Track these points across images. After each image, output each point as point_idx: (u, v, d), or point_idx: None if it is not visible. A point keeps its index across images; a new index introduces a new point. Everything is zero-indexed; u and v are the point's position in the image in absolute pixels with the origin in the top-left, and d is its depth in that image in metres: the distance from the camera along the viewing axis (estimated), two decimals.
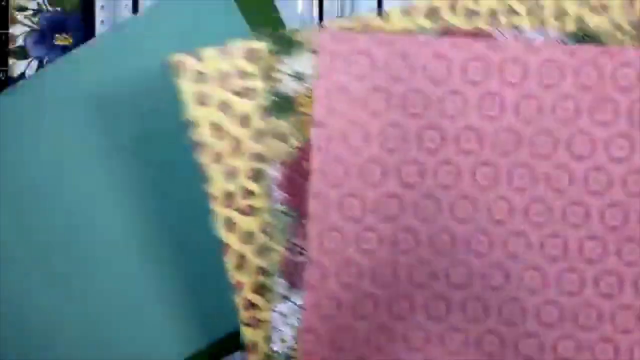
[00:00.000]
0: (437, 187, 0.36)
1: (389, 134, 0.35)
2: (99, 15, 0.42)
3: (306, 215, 0.36)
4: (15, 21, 0.42)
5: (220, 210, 0.35)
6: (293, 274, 0.36)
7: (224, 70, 0.35)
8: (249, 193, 0.35)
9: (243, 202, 0.35)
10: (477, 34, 0.36)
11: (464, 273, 0.36)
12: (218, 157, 0.35)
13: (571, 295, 0.36)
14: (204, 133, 0.35)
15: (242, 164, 0.35)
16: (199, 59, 0.35)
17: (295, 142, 0.35)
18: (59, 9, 0.42)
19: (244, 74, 0.35)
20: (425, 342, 0.37)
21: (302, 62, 0.35)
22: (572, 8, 0.36)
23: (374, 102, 0.35)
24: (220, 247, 0.35)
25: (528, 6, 0.36)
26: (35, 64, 0.42)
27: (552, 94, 0.35)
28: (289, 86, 0.35)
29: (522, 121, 0.35)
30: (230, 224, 0.35)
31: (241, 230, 0.35)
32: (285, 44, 0.35)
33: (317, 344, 0.36)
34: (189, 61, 0.34)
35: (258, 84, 0.35)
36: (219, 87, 0.35)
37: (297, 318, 0.36)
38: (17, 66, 0.42)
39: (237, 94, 0.35)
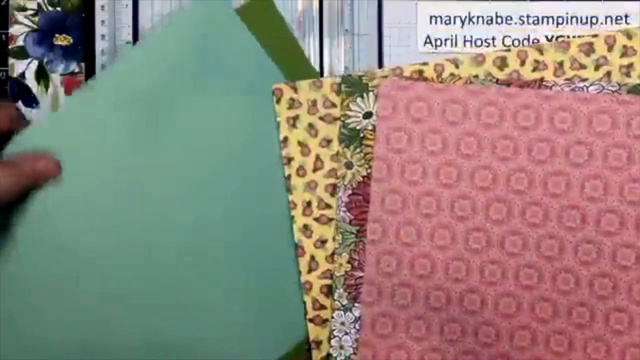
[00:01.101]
0: (486, 222, 0.39)
1: (445, 171, 0.39)
2: (99, 16, 0.42)
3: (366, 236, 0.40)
4: (15, 21, 0.42)
5: (299, 218, 0.41)
6: (353, 287, 0.40)
7: (313, 98, 0.40)
8: (326, 205, 0.41)
9: (319, 212, 0.41)
10: (530, 84, 0.39)
11: (511, 302, 0.39)
12: (302, 171, 0.41)
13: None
14: (292, 150, 0.41)
15: (321, 179, 0.41)
16: (295, 88, 0.41)
17: (362, 171, 0.40)
18: (59, 9, 0.42)
19: (329, 104, 0.40)
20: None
21: (370, 103, 0.40)
22: (639, 64, 0.39)
23: (430, 142, 0.39)
24: (296, 250, 0.41)
25: (594, 58, 0.39)
26: (35, 64, 0.42)
27: (602, 141, 0.38)
28: (359, 122, 0.40)
29: (571, 165, 0.38)
30: (306, 231, 0.41)
31: (315, 236, 0.41)
32: (357, 86, 0.40)
33: (373, 358, 0.40)
34: (286, 89, 0.41)
35: (339, 113, 0.40)
36: (308, 112, 0.41)
37: (356, 329, 0.40)
38: (17, 66, 0.42)
39: (322, 119, 0.40)
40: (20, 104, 0.42)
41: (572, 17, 0.40)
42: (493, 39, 0.41)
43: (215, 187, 0.41)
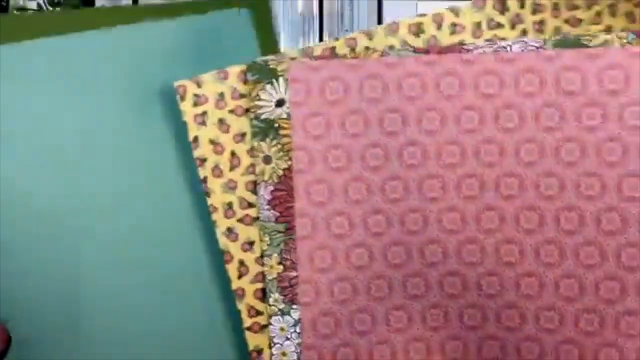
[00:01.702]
0: (422, 201, 0.37)
1: (370, 153, 0.37)
2: None
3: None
4: None
5: (222, 221, 0.37)
6: (289, 289, 0.37)
7: (219, 91, 0.37)
8: (248, 204, 0.37)
9: (243, 213, 0.37)
10: (451, 49, 0.36)
11: (458, 282, 0.36)
12: (218, 171, 0.37)
13: (570, 300, 0.36)
14: (204, 150, 0.37)
15: (240, 177, 0.37)
16: (198, 83, 0.37)
17: (281, 164, 0.37)
18: (59, 9, 0.42)
19: (238, 95, 0.37)
20: (427, 353, 0.37)
21: (280, 89, 0.37)
22: (550, 20, 0.36)
23: (351, 124, 0.36)
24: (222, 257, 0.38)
25: (510, 18, 0.37)
26: None
27: (532, 102, 0.36)
28: (271, 111, 0.37)
29: (503, 131, 0.36)
30: (231, 234, 0.37)
31: (242, 239, 0.37)
32: (264, 72, 0.37)
33: None
34: (189, 85, 0.37)
35: (249, 104, 0.37)
36: (216, 107, 0.37)
37: (297, 333, 0.37)
38: None
39: (232, 112, 0.37)
40: None
41: None
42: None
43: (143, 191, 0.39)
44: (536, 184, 0.36)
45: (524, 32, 0.37)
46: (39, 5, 0.41)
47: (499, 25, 0.37)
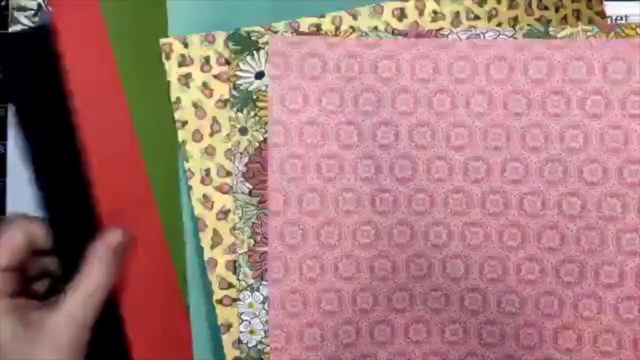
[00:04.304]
0: (391, 181, 0.37)
1: (345, 131, 0.37)
2: None
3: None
4: (15, 21, 0.43)
5: (197, 187, 0.37)
6: (259, 264, 0.37)
7: (206, 55, 0.37)
8: (227, 172, 0.37)
9: (220, 180, 0.37)
10: (427, 34, 0.38)
11: (422, 264, 0.38)
12: (198, 135, 0.37)
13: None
14: (186, 112, 0.37)
15: (220, 144, 0.37)
16: (185, 43, 0.37)
17: (258, 136, 0.37)
18: None
19: (224, 60, 0.38)
20: (391, 335, 0.38)
21: (261, 62, 0.37)
22: (523, 17, 0.39)
23: (328, 102, 0.37)
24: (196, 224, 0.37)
25: (487, 11, 0.39)
26: None
27: (501, 88, 0.37)
28: (250, 83, 0.37)
29: (473, 116, 0.37)
30: (207, 201, 0.37)
31: (216, 207, 0.37)
32: (246, 43, 0.37)
33: (286, 341, 0.37)
34: (176, 45, 0.37)
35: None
36: (201, 70, 0.37)
37: (265, 310, 0.37)
38: None
39: (217, 77, 0.38)
40: None
41: None
42: None
43: None
44: (502, 168, 0.38)
45: (499, 26, 0.39)
46: (39, 5, 0.42)
47: (477, 18, 0.39)
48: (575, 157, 0.37)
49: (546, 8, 0.39)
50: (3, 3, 0.42)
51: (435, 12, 0.38)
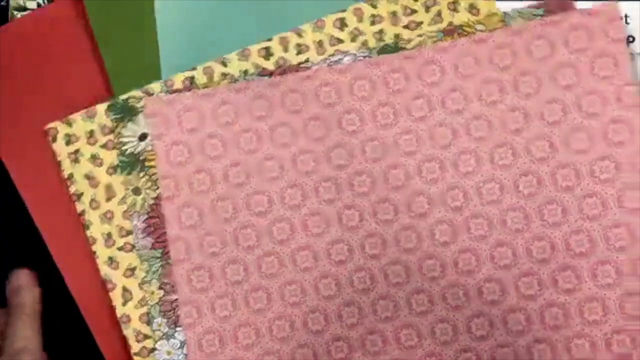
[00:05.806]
0: (285, 211, 0.39)
1: (232, 172, 0.39)
2: None
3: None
4: None
5: (102, 251, 0.39)
6: (171, 312, 0.39)
7: (89, 129, 0.40)
8: (127, 232, 0.39)
9: (122, 241, 0.39)
10: (291, 69, 0.39)
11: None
12: (95, 204, 0.40)
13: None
14: (80, 185, 0.40)
15: (117, 207, 0.39)
16: (69, 123, 0.40)
17: (151, 193, 0.39)
18: None
19: (108, 130, 0.40)
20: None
21: (142, 124, 0.39)
22: (389, 28, 0.40)
23: (211, 148, 0.39)
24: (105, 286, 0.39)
25: (348, 31, 0.40)
26: None
27: (367, 105, 0.39)
28: (136, 146, 0.40)
29: (349, 134, 0.39)
30: (112, 263, 0.39)
31: (123, 266, 0.39)
32: (125, 110, 0.40)
33: None
34: (60, 127, 0.40)
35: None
36: (88, 144, 0.40)
37: (184, 354, 0.39)
38: None
39: (104, 147, 0.40)
40: None
41: None
42: None
43: None
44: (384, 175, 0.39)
45: (365, 43, 0.39)
46: (38, 5, 0.42)
47: (340, 41, 0.40)
48: (448, 151, 0.38)
49: (414, 12, 0.39)
50: (3, 3, 0.42)
51: (299, 44, 0.39)
